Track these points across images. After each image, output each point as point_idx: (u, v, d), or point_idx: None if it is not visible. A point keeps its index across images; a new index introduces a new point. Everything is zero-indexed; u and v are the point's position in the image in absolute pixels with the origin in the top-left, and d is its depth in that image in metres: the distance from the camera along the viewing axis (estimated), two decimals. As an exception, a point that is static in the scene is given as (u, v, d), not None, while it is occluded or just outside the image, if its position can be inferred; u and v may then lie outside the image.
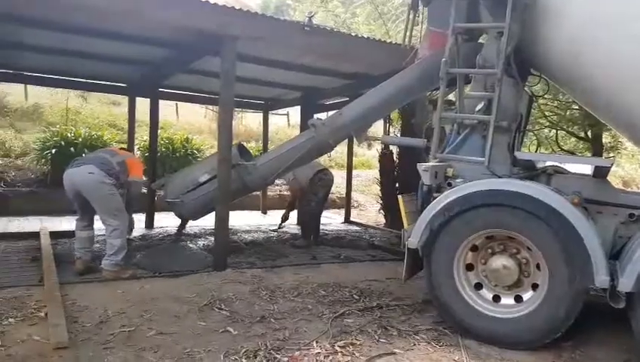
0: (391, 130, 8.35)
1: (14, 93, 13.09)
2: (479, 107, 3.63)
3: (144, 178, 5.57)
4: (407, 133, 7.37)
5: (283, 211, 7.22)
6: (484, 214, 3.14)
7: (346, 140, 7.77)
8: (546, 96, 5.11)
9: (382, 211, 8.57)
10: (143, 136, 10.23)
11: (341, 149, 11.64)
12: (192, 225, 6.47)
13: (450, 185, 3.42)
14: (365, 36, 5.91)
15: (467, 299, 3.22)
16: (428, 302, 3.72)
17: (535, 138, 6.54)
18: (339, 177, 6.89)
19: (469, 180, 3.32)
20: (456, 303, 3.22)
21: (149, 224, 7.35)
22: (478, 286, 3.28)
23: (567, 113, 7.01)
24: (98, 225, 4.59)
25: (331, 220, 8.59)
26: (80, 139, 9.16)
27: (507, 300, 3.20)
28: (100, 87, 7.93)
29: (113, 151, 4.64)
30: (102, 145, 8.98)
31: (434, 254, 3.28)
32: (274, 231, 7.22)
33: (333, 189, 7.00)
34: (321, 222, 6.64)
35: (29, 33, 5.15)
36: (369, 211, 10.71)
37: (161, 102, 7.73)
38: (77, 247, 4.51)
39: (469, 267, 3.30)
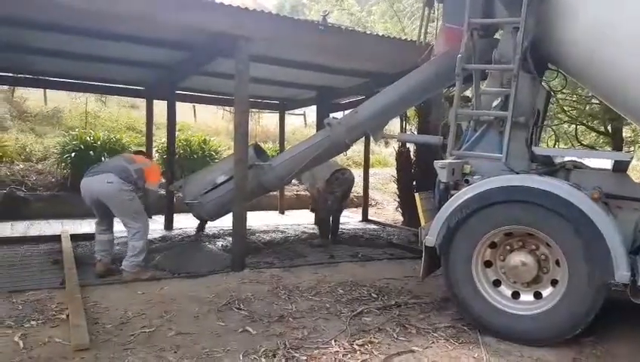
0: (407, 127, 8.32)
1: (34, 97, 13.36)
2: (496, 103, 3.61)
3: (162, 180, 5.65)
4: (423, 130, 7.36)
5: (300, 211, 7.24)
6: (502, 211, 3.13)
7: (363, 139, 7.73)
8: (564, 90, 5.04)
9: (399, 209, 8.55)
10: (161, 138, 10.34)
11: (358, 148, 11.59)
12: (211, 226, 6.53)
13: (467, 182, 3.41)
14: (380, 34, 5.91)
15: (486, 296, 3.20)
16: (446, 300, 3.71)
17: (553, 133, 6.45)
18: (356, 176, 6.82)
19: (487, 177, 3.30)
20: (474, 300, 3.21)
21: (169, 225, 7.44)
22: (497, 283, 3.26)
23: (587, 107, 6.89)
24: (118, 227, 4.68)
25: (349, 219, 8.59)
26: (99, 143, 9.30)
27: (526, 297, 3.18)
28: (118, 91, 8.06)
29: (131, 159, 4.68)
30: (121, 149, 9.12)
31: (452, 252, 3.27)
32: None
33: (349, 188, 7.05)
34: (340, 221, 6.64)
35: (47, 38, 5.27)
36: (386, 209, 10.67)
37: (179, 104, 7.82)
38: (97, 250, 4.59)
39: (488, 264, 3.28)
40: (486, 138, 3.60)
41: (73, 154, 8.99)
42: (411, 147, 8.07)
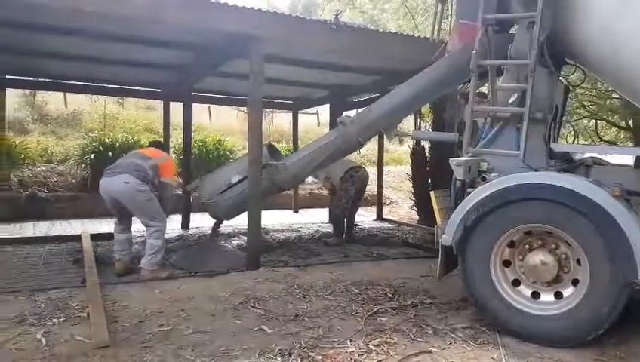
0: (422, 125, 8.27)
1: (54, 101, 13.58)
2: (513, 99, 3.54)
3: (177, 179, 5.69)
4: (438, 127, 7.30)
5: (314, 210, 7.25)
6: (520, 209, 3.06)
7: (377, 137, 7.69)
8: (583, 85, 4.92)
9: (414, 208, 8.50)
10: (177, 139, 10.42)
11: (372, 146, 11.56)
12: (227, 225, 6.54)
13: (484, 179, 3.35)
14: (393, 31, 5.87)
15: (505, 296, 3.13)
16: (464, 300, 3.67)
17: (572, 129, 6.32)
18: (370, 174, 6.84)
19: (504, 174, 3.23)
20: (493, 300, 3.14)
21: (185, 224, 7.50)
22: (516, 283, 3.20)
23: (607, 102, 6.72)
24: (136, 226, 4.72)
25: (363, 218, 8.60)
26: (117, 144, 9.42)
27: (546, 297, 3.10)
28: (136, 93, 8.17)
29: (145, 155, 4.68)
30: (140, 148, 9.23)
31: (469, 251, 3.21)
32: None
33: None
34: (354, 220, 6.64)
35: (66, 42, 5.34)
36: (401, 208, 10.60)
37: (195, 106, 7.87)
38: (116, 249, 4.63)
39: (506, 263, 3.22)
40: (503, 135, 3.53)
41: (92, 156, 9.12)
42: (426, 145, 8.01)
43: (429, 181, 7.73)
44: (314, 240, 6.44)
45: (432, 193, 3.64)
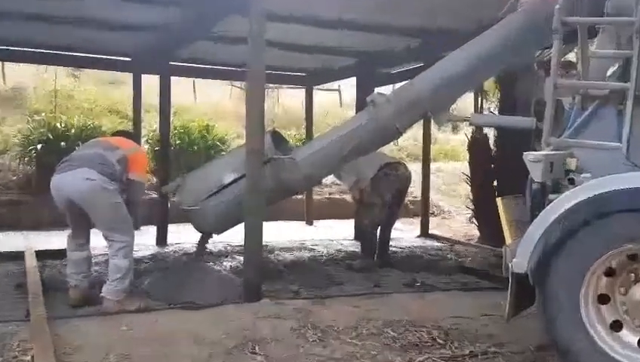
0: (485, 106, 8.28)
1: (-13, 74, 13.97)
2: (612, 71, 3.50)
3: (150, 177, 5.75)
4: (507, 109, 7.26)
5: (334, 221, 7.29)
6: (624, 223, 3.00)
7: (421, 122, 7.75)
8: None
9: (473, 220, 8.56)
10: (151, 124, 10.62)
11: (415, 134, 11.54)
12: (217, 241, 6.61)
13: (572, 182, 3.32)
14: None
15: (600, 344, 3.07)
16: (542, 348, 3.65)
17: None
18: (412, 173, 6.88)
19: (600, 175, 3.17)
20: (584, 350, 3.08)
21: (161, 240, 7.58)
22: (617, 326, 3.13)
23: None
24: (97, 239, 4.75)
25: (402, 233, 8.58)
26: (72, 131, 9.60)
27: (661, 347, 3.05)
28: (97, 63, 8.25)
29: (111, 144, 4.74)
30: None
31: (551, 281, 3.15)
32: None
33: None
34: (390, 236, 6.69)
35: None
36: (455, 220, 10.62)
37: (175, 80, 8.00)
38: (71, 272, 4.66)
39: (603, 299, 3.16)
40: (598, 120, 3.47)
41: (39, 146, 9.26)
42: (490, 133, 8.03)
43: (495, 183, 7.77)
44: (334, 263, 6.46)
45: (498, 200, 3.65)
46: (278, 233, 8.29)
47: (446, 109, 5.04)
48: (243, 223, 4.95)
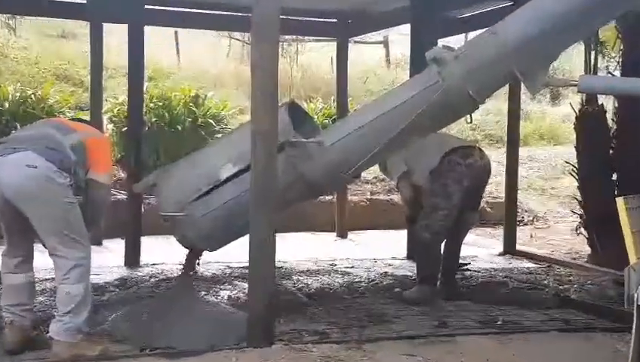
0: (600, 64, 8.34)
1: None
2: None
3: (115, 172, 5.65)
4: (633, 69, 7.24)
5: (377, 232, 7.21)
6: None
7: (506, 89, 7.82)
8: None
9: (582, 230, 8.56)
10: (116, 93, 10.75)
11: (496, 107, 11.59)
12: (210, 261, 6.66)
13: None
14: None
15: None
16: None
17: None
18: (492, 163, 6.90)
19: None
20: None
21: (132, 259, 7.59)
22: None
23: None
24: (41, 259, 4.71)
25: (477, 249, 8.71)
26: (7, 106, 9.64)
27: None
28: (41, 8, 8.22)
29: (64, 125, 4.78)
30: (45, 114, 9.34)
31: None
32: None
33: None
34: (460, 253, 6.69)
35: None
36: (556, 230, 10.71)
37: (150, 31, 8.05)
38: (6, 304, 4.62)
39: None
40: None
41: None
42: (608, 103, 8.13)
43: (614, 177, 7.87)
44: (378, 293, 6.46)
45: (619, 201, 3.67)
46: (298, 250, 8.33)
47: (543, 69, 5.01)
48: (247, 236, 4.88)
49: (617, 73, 7.88)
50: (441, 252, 6.35)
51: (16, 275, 4.60)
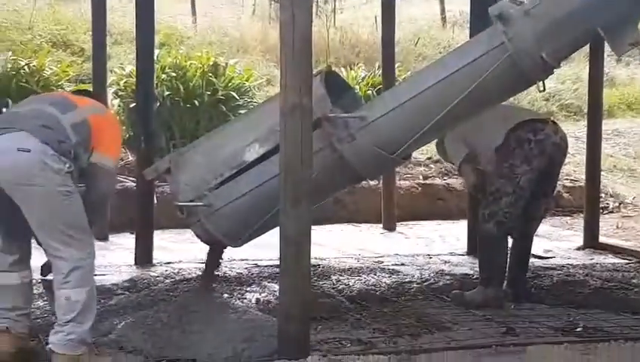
0: None
1: None
2: None
3: (124, 157, 5.70)
4: None
5: (431, 224, 7.19)
6: None
7: (585, 49, 7.85)
8: None
9: None
10: (123, 63, 10.78)
11: (575, 73, 11.66)
12: (234, 258, 6.70)
13: None
14: None
15: None
16: None
17: None
18: (569, 139, 6.86)
19: None
20: None
21: (143, 257, 7.57)
22: None
23: None
24: (42, 260, 4.74)
25: (552, 243, 8.73)
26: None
27: None
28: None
29: (64, 100, 4.75)
30: (41, 88, 9.47)
31: None
32: None
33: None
34: (531, 247, 6.68)
35: None
36: None
37: None
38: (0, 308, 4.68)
39: None
40: None
41: None
42: None
43: None
44: (433, 295, 6.49)
45: None
46: (338, 245, 8.31)
47: (632, 25, 4.98)
48: (277, 229, 4.84)
49: None
50: (509, 246, 6.33)
51: (11, 274, 4.59)
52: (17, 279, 4.64)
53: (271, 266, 6.73)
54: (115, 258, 7.21)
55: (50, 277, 4.60)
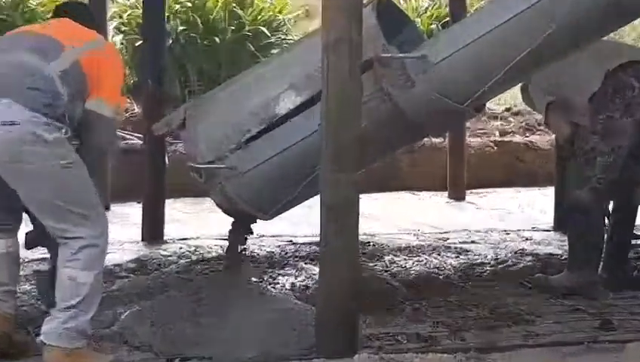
0: None
1: None
2: None
3: (128, 107, 5.70)
4: None
5: (509, 191, 7.15)
6: None
7: None
8: None
9: None
10: None
11: None
12: (264, 234, 6.74)
13: None
14: None
15: None
16: None
17: None
18: None
19: None
20: None
21: (152, 231, 7.71)
22: None
23: None
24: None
25: None
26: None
27: None
28: None
29: (46, 40, 4.67)
30: (26, 22, 9.53)
31: None
32: None
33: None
34: (634, 223, 6.70)
35: None
36: None
37: None
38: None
39: None
40: None
41: None
42: None
43: None
44: (511, 279, 6.54)
45: None
46: (393, 218, 8.37)
47: None
48: (316, 198, 4.87)
49: None
50: (606, 221, 6.33)
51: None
52: (2, 247, 4.67)
53: (309, 244, 6.73)
54: (118, 233, 7.16)
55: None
